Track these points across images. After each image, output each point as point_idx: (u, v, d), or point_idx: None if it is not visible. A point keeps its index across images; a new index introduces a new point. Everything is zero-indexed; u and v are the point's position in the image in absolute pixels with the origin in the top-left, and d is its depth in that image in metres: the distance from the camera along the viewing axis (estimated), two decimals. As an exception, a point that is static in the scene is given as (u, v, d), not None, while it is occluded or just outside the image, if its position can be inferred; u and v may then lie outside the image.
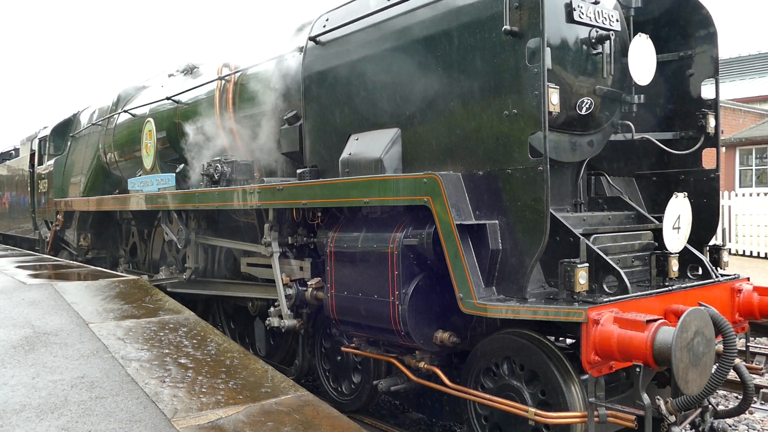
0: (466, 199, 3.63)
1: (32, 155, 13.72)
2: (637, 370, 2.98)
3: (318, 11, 5.26)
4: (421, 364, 4.02)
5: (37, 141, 13.40)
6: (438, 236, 3.58)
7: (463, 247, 3.45)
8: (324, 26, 4.92)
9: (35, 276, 8.41)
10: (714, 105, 4.37)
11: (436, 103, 3.96)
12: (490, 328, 3.91)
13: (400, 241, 3.84)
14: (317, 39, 4.94)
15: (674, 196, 3.83)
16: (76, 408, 3.59)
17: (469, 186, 3.67)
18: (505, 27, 3.42)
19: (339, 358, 5.09)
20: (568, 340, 4.10)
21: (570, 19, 3.67)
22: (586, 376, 3.26)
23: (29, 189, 13.90)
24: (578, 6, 3.68)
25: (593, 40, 3.76)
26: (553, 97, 3.39)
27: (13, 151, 17.86)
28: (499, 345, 3.67)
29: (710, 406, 3.96)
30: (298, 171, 4.98)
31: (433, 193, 3.57)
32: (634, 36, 3.95)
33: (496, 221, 3.57)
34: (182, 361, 4.50)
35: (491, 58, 3.60)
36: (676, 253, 3.87)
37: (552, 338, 3.78)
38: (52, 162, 12.00)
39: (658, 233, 3.96)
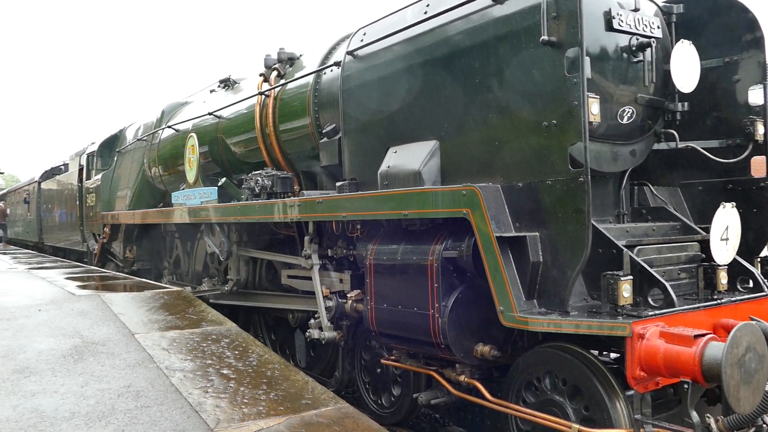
0: (505, 211, 3.61)
1: (80, 170, 14.15)
2: (685, 386, 2.90)
3: (355, 25, 5.31)
4: (462, 378, 3.99)
5: (85, 156, 13.82)
6: (477, 248, 3.55)
7: (503, 260, 3.42)
8: (362, 40, 4.97)
9: (83, 287, 8.66)
10: (762, 111, 4.24)
11: (474, 115, 3.95)
12: (532, 341, 3.86)
13: (439, 254, 3.82)
14: (355, 53, 4.99)
15: (722, 206, 3.72)
16: (122, 416, 3.67)
17: (509, 198, 3.64)
18: (542, 38, 3.39)
19: (379, 370, 5.09)
20: (612, 355, 4.02)
21: (609, 27, 3.63)
22: (631, 392, 3.18)
23: (78, 203, 14.33)
24: (618, 14, 3.63)
25: (634, 48, 3.70)
26: (594, 107, 3.34)
27: (62, 166, 18.44)
28: (540, 359, 3.61)
29: (765, 425, 3.81)
30: (338, 184, 5.01)
31: (472, 205, 3.55)
32: (676, 42, 3.88)
33: (537, 233, 3.52)
34: (224, 371, 4.56)
35: (529, 68, 3.58)
36: (724, 265, 3.76)
37: (595, 352, 3.70)
38: (99, 176, 12.34)
39: (705, 245, 3.86)
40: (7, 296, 7.83)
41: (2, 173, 30.42)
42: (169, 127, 9.12)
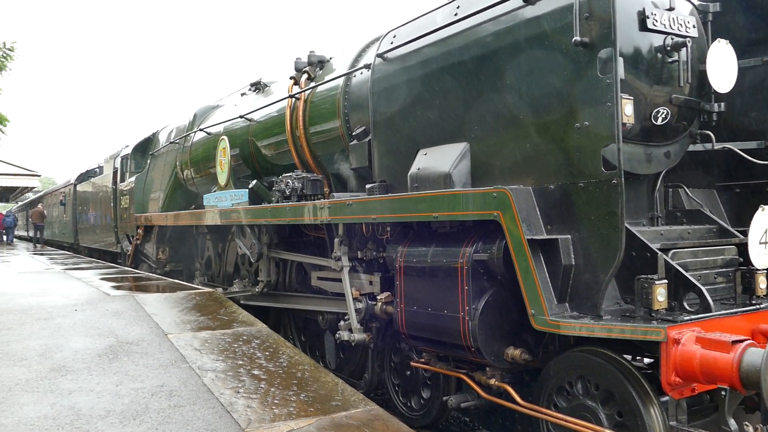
0: (537, 214, 3.58)
1: (115, 173, 14.41)
2: (723, 393, 2.84)
3: (384, 28, 5.32)
4: (492, 381, 3.96)
5: (119, 159, 14.07)
6: (508, 251, 3.53)
7: (535, 263, 3.40)
8: (391, 42, 4.98)
9: (118, 288, 8.82)
10: (802, 112, 4.14)
11: (504, 117, 3.92)
12: (563, 345, 3.82)
13: (469, 256, 3.81)
14: (385, 55, 5.00)
15: (760, 209, 3.63)
16: (156, 415, 3.73)
17: (540, 200, 3.60)
18: (575, 38, 3.36)
19: (408, 372, 5.08)
20: (646, 360, 3.95)
21: (643, 27, 3.57)
22: (666, 398, 3.12)
23: (112, 205, 14.60)
24: (652, 13, 3.57)
25: (668, 48, 3.63)
26: (627, 108, 3.29)
27: (97, 169, 18.79)
28: (572, 363, 3.57)
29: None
30: (368, 186, 5.03)
31: (503, 208, 3.53)
32: (712, 42, 3.80)
33: (569, 236, 3.49)
34: (255, 372, 4.61)
35: (561, 69, 3.54)
36: (763, 269, 3.66)
37: (629, 357, 3.65)
38: (133, 179, 12.56)
39: (743, 248, 3.76)
40: (45, 296, 8.02)
41: (39, 176, 31.10)
42: (201, 130, 9.25)
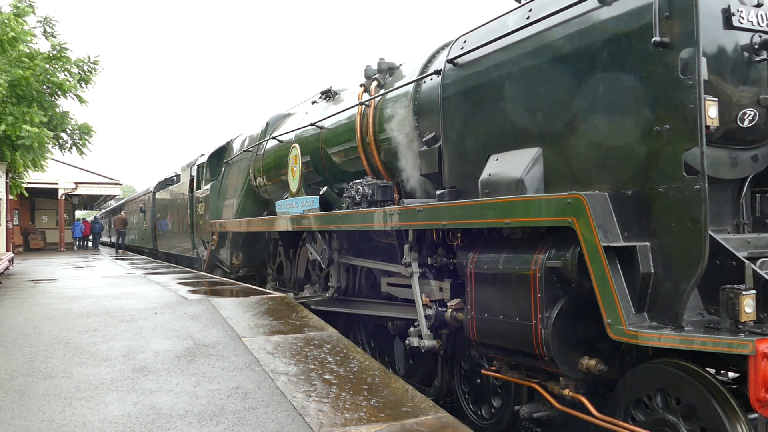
0: (613, 220, 3.47)
1: (191, 180, 14.94)
2: (818, 410, 2.66)
3: (454, 33, 5.31)
4: (566, 392, 3.86)
5: (195, 167, 14.58)
6: (583, 258, 3.44)
7: (611, 270, 3.29)
8: (462, 48, 4.96)
9: (194, 292, 9.13)
10: None
11: (579, 121, 3.84)
12: (641, 356, 3.68)
13: (542, 263, 3.73)
14: (455, 61, 4.98)
15: None
16: (231, 416, 3.83)
17: (617, 206, 3.50)
18: (654, 39, 3.25)
19: (479, 380, 5.02)
20: (731, 374, 3.76)
21: (728, 25, 3.41)
22: (754, 416, 2.97)
23: (188, 211, 15.13)
24: (738, 10, 3.41)
25: (756, 46, 3.45)
26: (711, 110, 3.16)
27: (174, 177, 19.53)
28: (651, 375, 3.43)
29: None
30: (438, 192, 5.01)
31: (577, 214, 3.45)
32: (805, 39, 3.59)
33: (647, 243, 3.37)
34: (326, 376, 4.66)
35: (639, 71, 3.43)
36: None
37: (712, 371, 3.48)
38: (208, 186, 12.98)
39: (839, 257, 3.53)
40: (127, 299, 8.40)
41: (120, 184, 32.63)
42: (273, 138, 9.47)
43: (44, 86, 15.28)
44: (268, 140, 9.77)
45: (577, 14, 3.85)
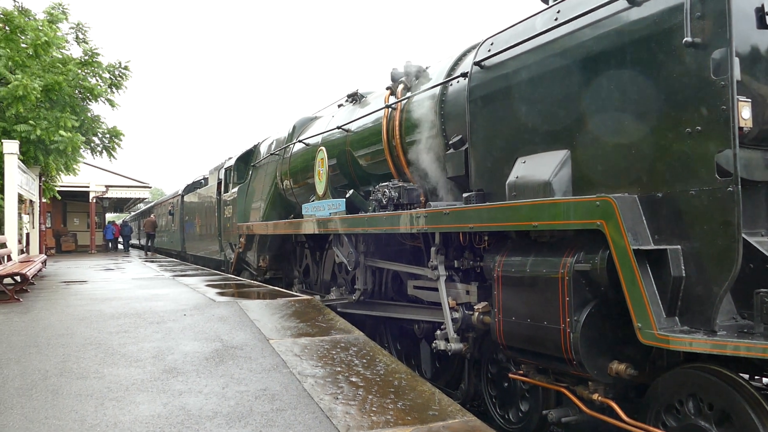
0: (643, 223, 3.43)
1: (219, 183, 15.10)
2: None
3: (480, 36, 5.29)
4: (595, 396, 3.82)
5: (223, 170, 14.74)
6: (612, 262, 3.40)
7: (641, 274, 3.26)
8: (489, 50, 4.94)
9: (222, 294, 9.22)
10: None
11: (608, 123, 3.80)
12: (672, 361, 3.63)
13: (571, 267, 3.70)
14: (482, 63, 4.97)
15: None
16: (259, 418, 3.86)
17: (647, 209, 3.46)
18: (686, 39, 3.21)
19: (506, 384, 4.99)
20: (765, 380, 3.68)
21: (762, 24, 3.35)
22: (790, 422, 2.90)
23: (216, 214, 15.30)
24: (772, 10, 3.35)
25: (791, 46, 3.39)
26: (744, 111, 3.10)
27: (202, 180, 19.77)
28: (683, 380, 3.38)
29: None
30: (464, 195, 5.00)
31: (606, 217, 3.41)
32: (842, 38, 3.51)
33: (678, 246, 3.32)
34: (353, 379, 4.67)
35: (669, 72, 3.39)
36: None
37: (745, 376, 3.41)
38: (235, 189, 13.11)
39: None
40: (157, 301, 8.52)
41: (150, 187, 33.12)
42: (300, 141, 9.53)
43: (76, 91, 15.61)
44: (294, 143, 9.84)
45: (607, 15, 3.82)
